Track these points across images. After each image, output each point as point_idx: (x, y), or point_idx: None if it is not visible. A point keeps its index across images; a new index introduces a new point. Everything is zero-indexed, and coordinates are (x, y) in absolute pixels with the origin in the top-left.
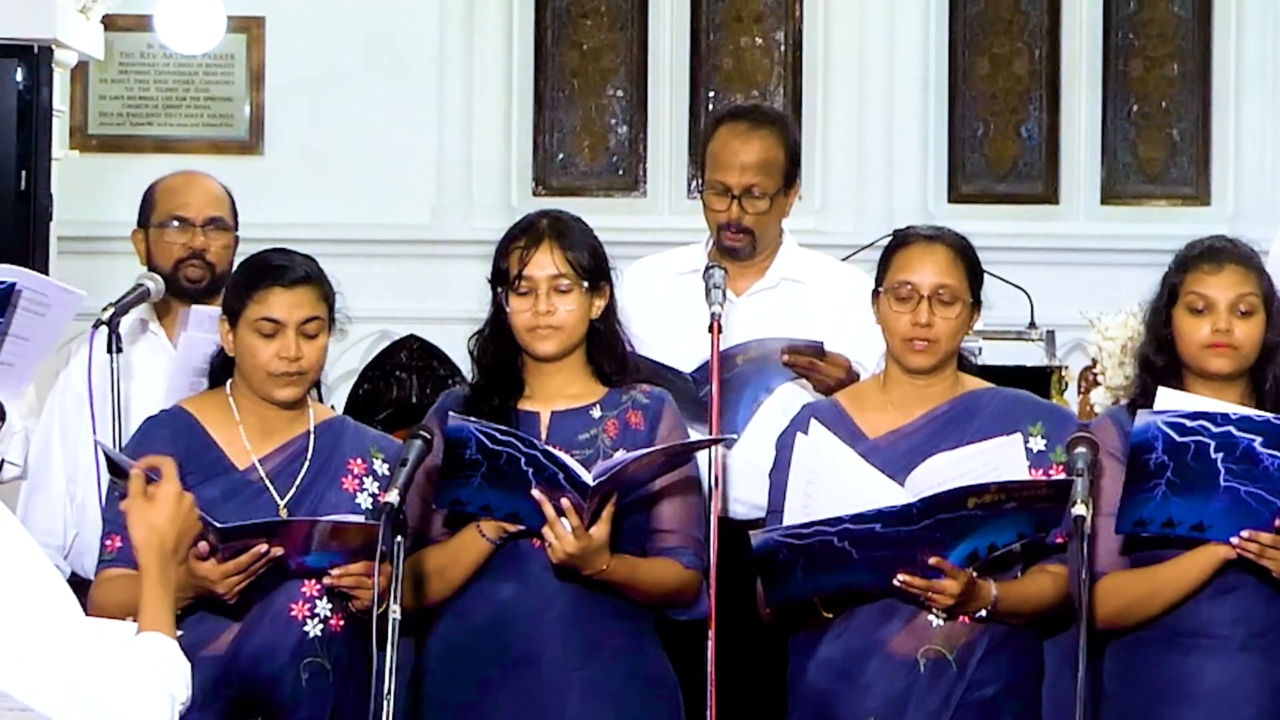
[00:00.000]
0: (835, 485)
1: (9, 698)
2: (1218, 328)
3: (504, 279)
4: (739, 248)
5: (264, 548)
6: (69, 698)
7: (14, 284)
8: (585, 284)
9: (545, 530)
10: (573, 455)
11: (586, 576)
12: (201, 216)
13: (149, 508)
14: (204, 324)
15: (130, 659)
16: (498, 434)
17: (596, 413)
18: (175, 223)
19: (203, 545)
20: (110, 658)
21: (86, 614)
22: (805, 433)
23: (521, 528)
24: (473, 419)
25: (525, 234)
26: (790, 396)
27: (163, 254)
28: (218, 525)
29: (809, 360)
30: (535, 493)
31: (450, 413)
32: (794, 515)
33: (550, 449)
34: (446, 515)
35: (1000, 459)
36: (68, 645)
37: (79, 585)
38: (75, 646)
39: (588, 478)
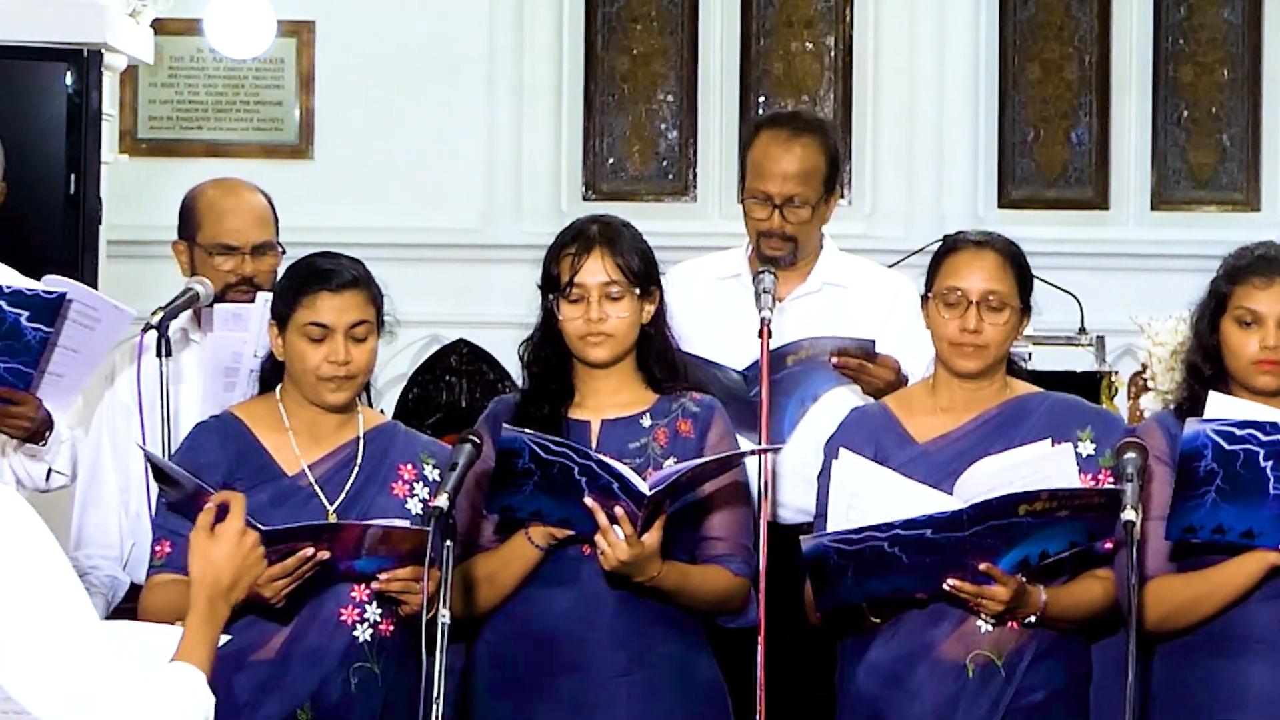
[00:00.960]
0: (879, 505)
1: (11, 701)
2: (1266, 344)
3: (555, 286)
4: (780, 256)
5: (310, 551)
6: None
7: (65, 294)
8: (636, 290)
9: (598, 538)
10: (623, 464)
11: (638, 584)
12: (249, 244)
13: (211, 543)
14: (228, 322)
15: (146, 680)
16: (551, 444)
17: (646, 421)
18: (223, 251)
19: None
20: (124, 675)
21: (136, 618)
22: (848, 445)
23: (570, 533)
24: (526, 430)
25: (576, 240)
26: (839, 401)
27: (210, 277)
28: (262, 528)
29: (858, 362)
30: (588, 500)
31: (504, 424)
32: (839, 528)
33: (605, 458)
34: (498, 521)
35: (1051, 468)
36: (80, 659)
37: (139, 595)
38: (87, 661)
39: (643, 487)
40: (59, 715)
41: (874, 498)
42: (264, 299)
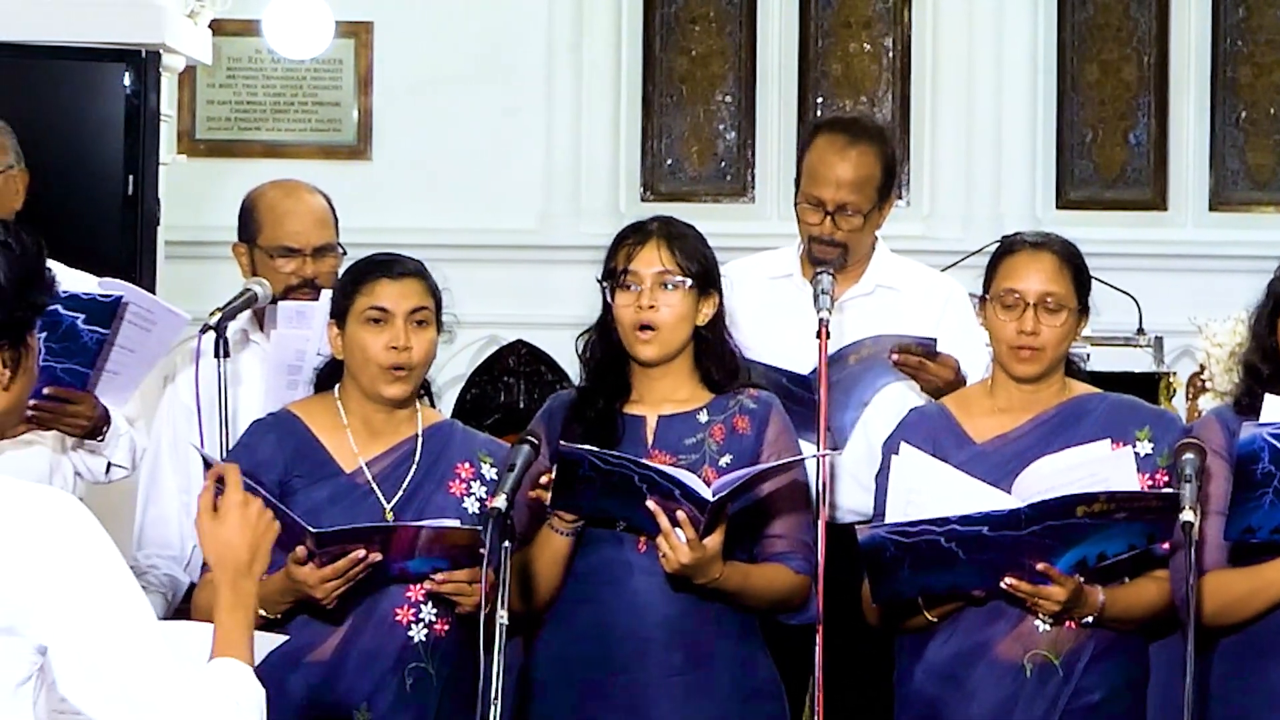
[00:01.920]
0: (937, 500)
1: (67, 702)
2: None
3: (612, 275)
4: (831, 260)
5: (361, 553)
6: (128, 714)
7: (120, 297)
8: (688, 283)
9: (660, 540)
10: (679, 460)
11: (699, 585)
12: (310, 246)
13: (216, 523)
14: (291, 320)
15: (203, 679)
16: (610, 458)
17: (703, 417)
18: (284, 253)
19: (300, 550)
20: (180, 676)
21: (189, 617)
22: (908, 442)
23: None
24: (586, 447)
25: (636, 232)
26: (897, 398)
27: (271, 279)
28: (313, 530)
29: (918, 360)
30: (650, 503)
31: (562, 441)
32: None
33: (664, 468)
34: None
35: (1110, 470)
36: (136, 660)
37: None
38: (143, 663)
39: (707, 493)
40: (115, 717)
41: (933, 493)
42: (329, 296)
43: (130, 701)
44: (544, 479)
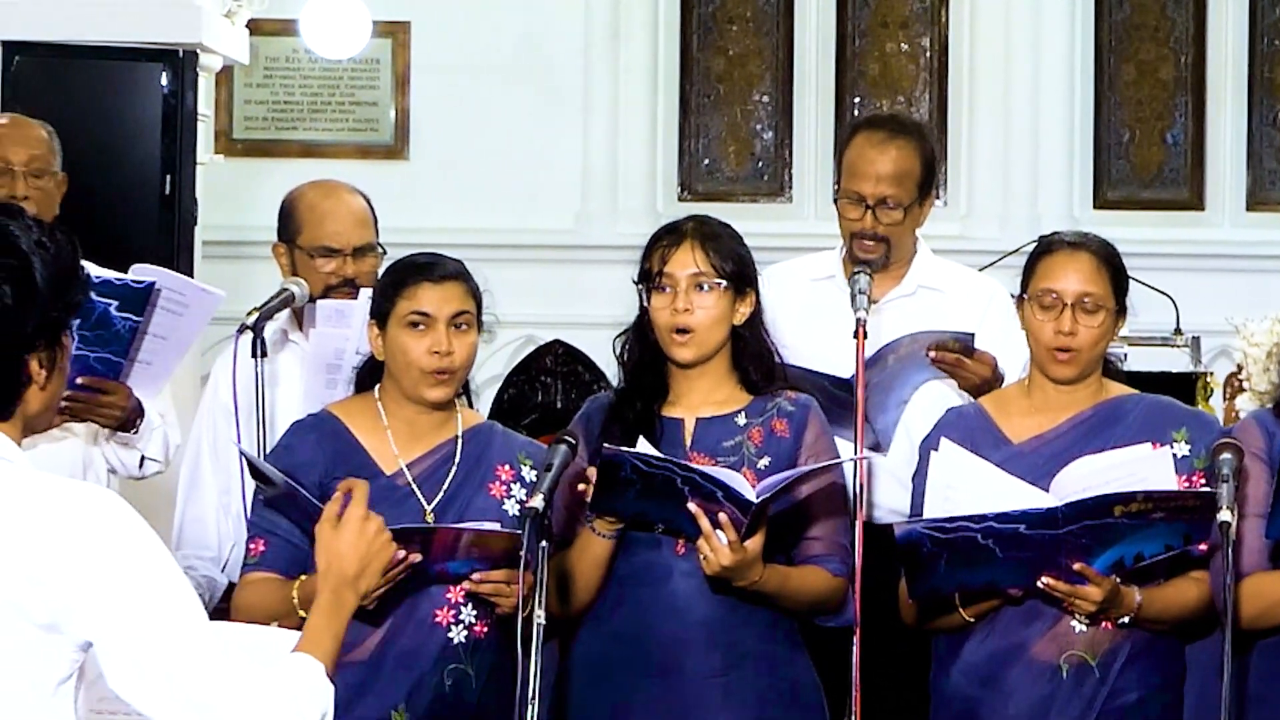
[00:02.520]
0: (975, 498)
1: (119, 701)
2: None
3: (647, 277)
4: (873, 259)
5: (401, 553)
6: (187, 710)
7: (153, 283)
8: (723, 284)
9: (700, 543)
10: (718, 463)
11: (739, 587)
12: (350, 246)
13: (334, 533)
14: (331, 318)
15: (262, 676)
16: (653, 460)
17: (741, 420)
18: (324, 253)
19: None
20: (237, 672)
21: (229, 618)
22: (948, 439)
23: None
24: (627, 449)
25: (670, 234)
26: (936, 396)
27: (311, 279)
28: None
29: (956, 357)
30: (691, 506)
31: (605, 444)
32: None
33: (706, 469)
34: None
35: (1148, 471)
36: (190, 655)
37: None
38: (199, 659)
39: (750, 494)
40: (173, 715)
41: (971, 489)
42: (368, 295)
43: (182, 695)
44: (587, 474)
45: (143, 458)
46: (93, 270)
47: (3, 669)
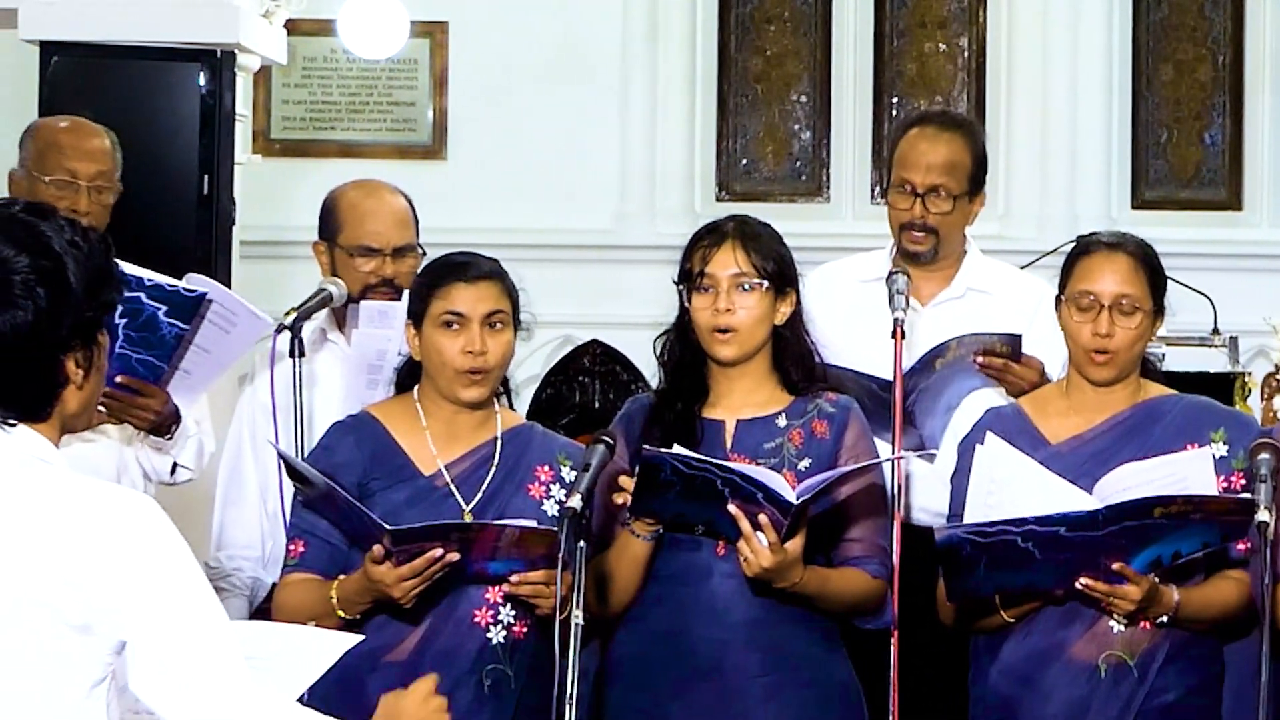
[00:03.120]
0: (1018, 494)
1: (141, 703)
2: None
3: (688, 278)
4: (922, 251)
5: (439, 552)
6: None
7: (205, 294)
8: (765, 284)
9: (741, 545)
10: (758, 464)
11: (779, 589)
12: (390, 246)
13: (399, 697)
14: (374, 319)
15: (277, 692)
16: (694, 461)
17: (782, 421)
18: (364, 253)
19: (378, 549)
20: (255, 685)
21: (269, 617)
22: (983, 441)
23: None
24: (667, 451)
25: (711, 234)
26: (985, 405)
27: (351, 279)
28: (389, 528)
29: (1003, 362)
30: (732, 507)
31: (645, 446)
32: (975, 519)
33: (747, 470)
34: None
35: (1189, 471)
36: (212, 663)
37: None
38: (219, 665)
39: (791, 496)
40: (182, 715)
41: (1014, 486)
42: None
43: (198, 701)
44: (624, 482)
45: (175, 464)
46: (146, 274)
47: (37, 670)
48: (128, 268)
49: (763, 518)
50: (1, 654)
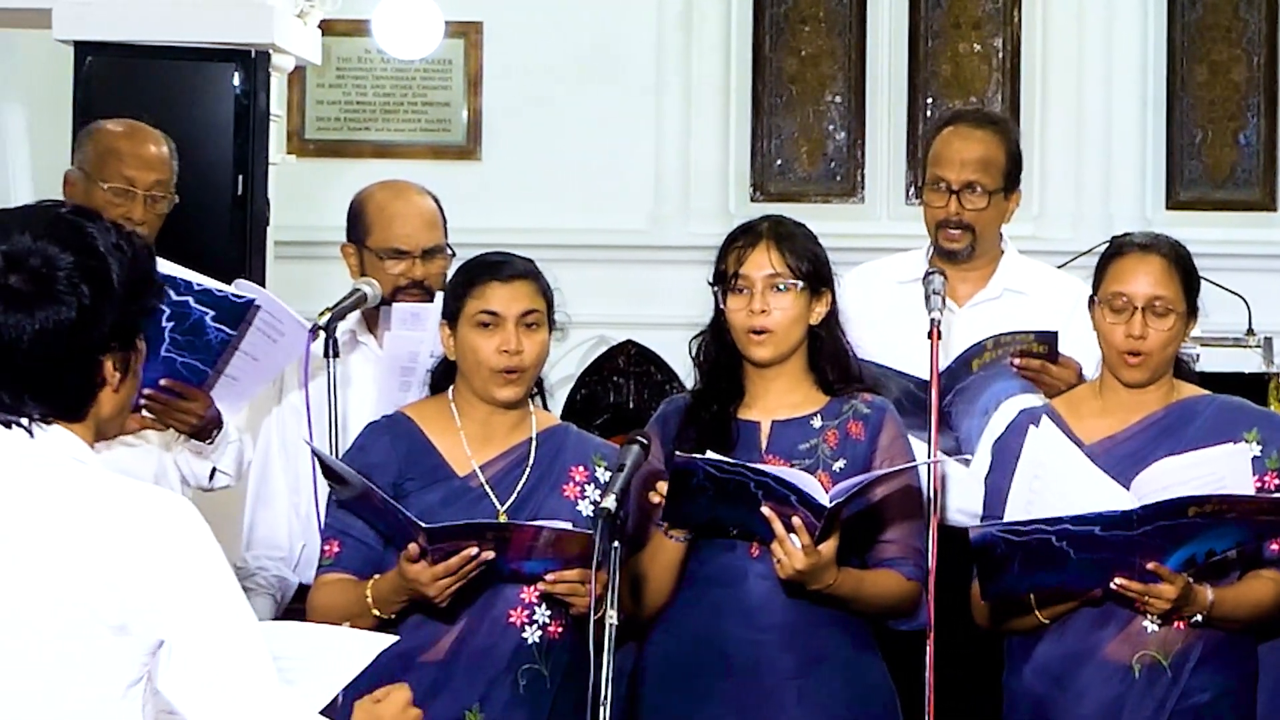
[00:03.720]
0: (1062, 483)
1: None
2: None
3: (723, 279)
4: (958, 249)
5: (474, 550)
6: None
7: (253, 300)
8: (801, 285)
9: (774, 547)
10: (793, 466)
11: (813, 590)
12: (419, 248)
13: (374, 707)
14: (406, 321)
15: (304, 700)
16: (726, 465)
17: (817, 422)
18: (394, 255)
19: (413, 548)
20: (282, 691)
21: (304, 618)
22: (1035, 425)
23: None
24: (699, 456)
25: (745, 235)
26: (1021, 407)
27: (380, 280)
28: (425, 526)
29: (1040, 363)
30: (765, 509)
31: (678, 452)
32: (1017, 508)
33: (780, 473)
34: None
35: (1226, 469)
36: (241, 666)
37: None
38: (248, 669)
39: (823, 499)
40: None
41: (1060, 475)
42: (442, 297)
43: (222, 704)
44: (659, 487)
45: (214, 470)
46: (195, 279)
47: (74, 671)
48: (177, 271)
49: (796, 520)
50: (40, 654)
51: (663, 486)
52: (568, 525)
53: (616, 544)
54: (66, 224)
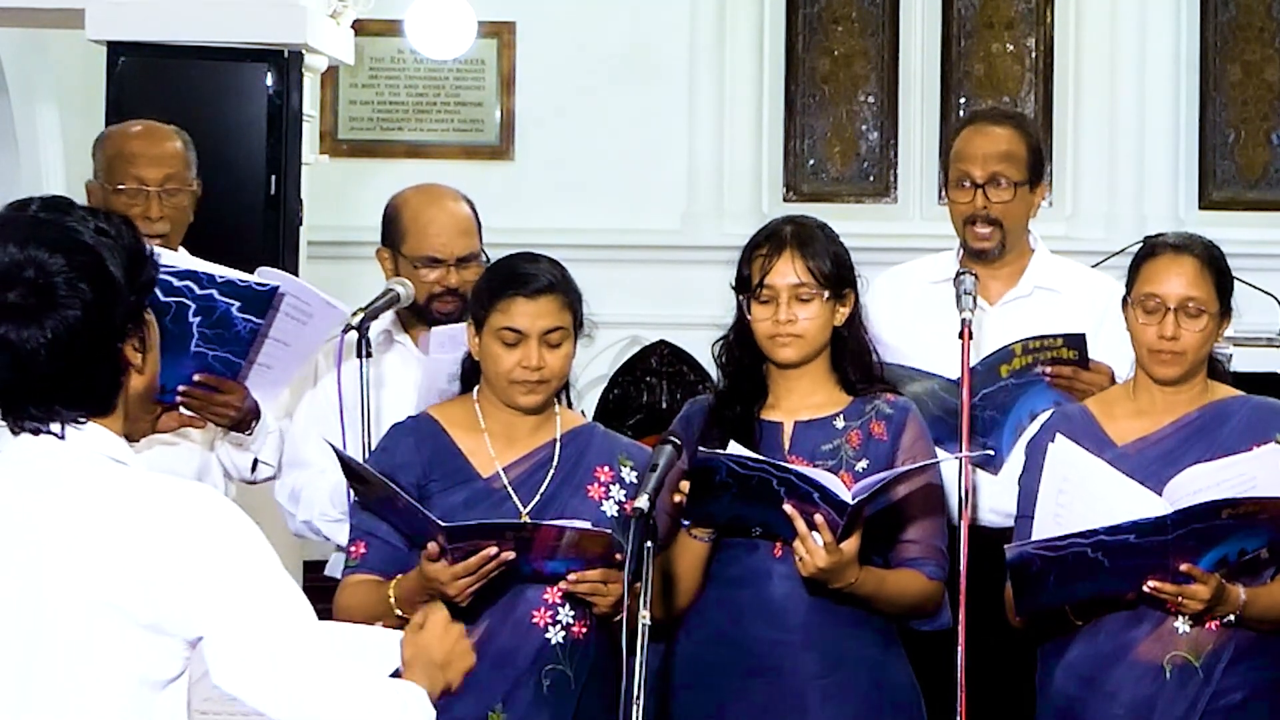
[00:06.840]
0: (1088, 495)
1: (225, 701)
2: None
3: (746, 286)
4: (988, 248)
5: (494, 550)
6: (293, 702)
7: (277, 287)
8: (826, 293)
9: (796, 544)
10: (815, 466)
11: (835, 589)
12: (454, 256)
13: (417, 633)
14: (445, 345)
15: (370, 675)
16: (749, 461)
17: (840, 423)
18: (428, 263)
19: (433, 546)
20: (344, 670)
21: (332, 617)
22: (1054, 440)
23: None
24: (722, 452)
25: (768, 241)
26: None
27: (415, 287)
28: (444, 525)
29: (1071, 370)
30: (787, 507)
31: (700, 448)
32: (1045, 523)
33: (803, 470)
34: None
35: (1258, 470)
36: (299, 652)
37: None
38: (306, 654)
39: (846, 496)
40: (276, 707)
41: (1085, 487)
42: None
43: (289, 692)
44: (682, 485)
45: (256, 461)
46: (217, 270)
47: (112, 669)
48: (199, 264)
49: (818, 518)
50: (77, 654)
51: (685, 486)
52: (588, 525)
53: (649, 545)
54: (46, 224)
